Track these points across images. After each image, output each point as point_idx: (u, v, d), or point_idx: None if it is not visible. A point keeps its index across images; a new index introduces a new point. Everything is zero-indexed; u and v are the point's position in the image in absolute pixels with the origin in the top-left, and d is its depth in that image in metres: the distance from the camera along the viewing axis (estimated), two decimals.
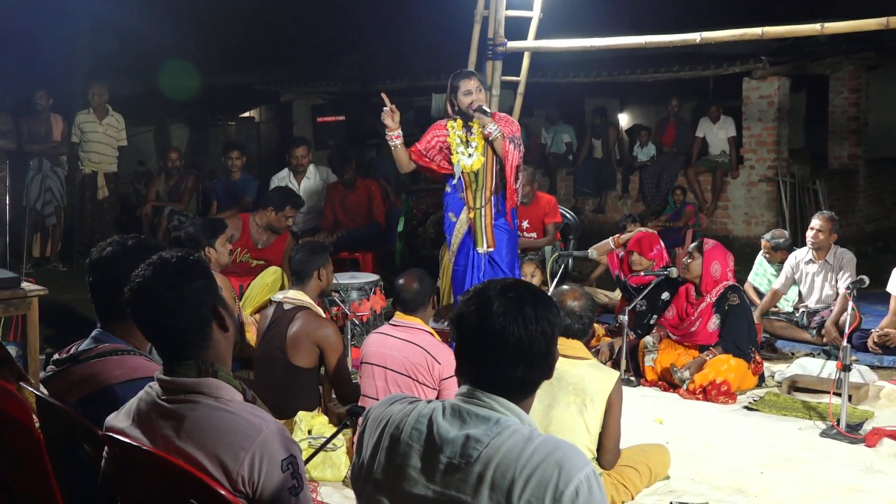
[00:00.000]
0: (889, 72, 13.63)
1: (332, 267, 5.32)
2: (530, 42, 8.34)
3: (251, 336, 5.79)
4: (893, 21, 6.31)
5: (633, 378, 6.26)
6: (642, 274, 6.84)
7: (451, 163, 6.30)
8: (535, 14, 8.35)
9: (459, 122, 6.27)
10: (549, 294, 2.27)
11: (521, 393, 2.16)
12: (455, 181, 6.31)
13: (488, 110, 6.17)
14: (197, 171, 10.75)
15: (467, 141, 6.24)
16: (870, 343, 6.85)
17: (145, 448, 2.22)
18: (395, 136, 6.25)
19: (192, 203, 9.88)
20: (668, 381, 6.14)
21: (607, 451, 4.11)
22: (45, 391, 2.75)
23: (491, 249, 6.31)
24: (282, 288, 6.25)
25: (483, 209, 6.29)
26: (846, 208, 12.36)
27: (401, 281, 4.83)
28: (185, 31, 13.45)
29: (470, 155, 6.24)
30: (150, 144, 15.65)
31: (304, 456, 3.86)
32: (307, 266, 5.11)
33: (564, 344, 4.09)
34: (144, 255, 2.84)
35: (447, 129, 6.31)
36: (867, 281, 5.95)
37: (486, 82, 8.31)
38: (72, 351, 2.80)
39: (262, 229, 7.24)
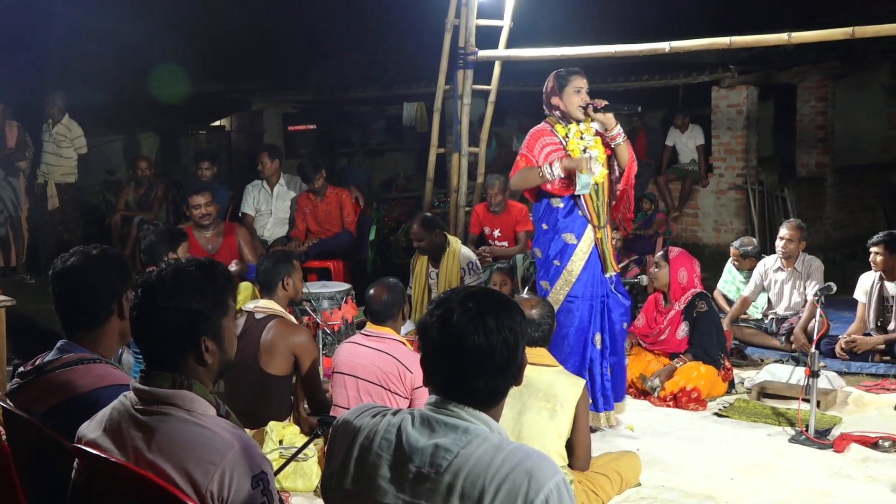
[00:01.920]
0: (855, 81, 13.80)
1: (300, 275, 5.29)
2: (501, 51, 8.37)
3: None
4: (859, 31, 6.39)
5: None
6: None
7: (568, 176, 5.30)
8: (505, 23, 8.40)
9: (576, 127, 5.39)
10: (515, 302, 2.26)
11: (489, 401, 2.15)
12: (578, 192, 5.31)
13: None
14: (167, 180, 10.67)
15: (585, 148, 5.34)
16: (837, 349, 6.92)
17: (114, 460, 2.20)
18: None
19: (162, 212, 9.81)
20: (638, 389, 6.16)
21: (579, 459, 4.13)
22: (11, 404, 2.72)
23: (615, 273, 5.57)
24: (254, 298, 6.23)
25: (606, 228, 5.43)
26: (814, 216, 12.49)
27: (371, 291, 4.83)
28: (154, 40, 13.38)
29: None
30: (120, 153, 15.52)
31: (276, 466, 3.84)
32: (272, 276, 5.09)
33: (530, 352, 4.09)
34: (108, 265, 2.84)
35: (557, 136, 5.39)
36: (834, 288, 6.00)
37: (457, 91, 8.34)
38: (37, 363, 2.77)
39: (206, 235, 7.15)
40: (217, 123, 18.92)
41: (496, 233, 8.47)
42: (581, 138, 5.36)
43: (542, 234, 5.52)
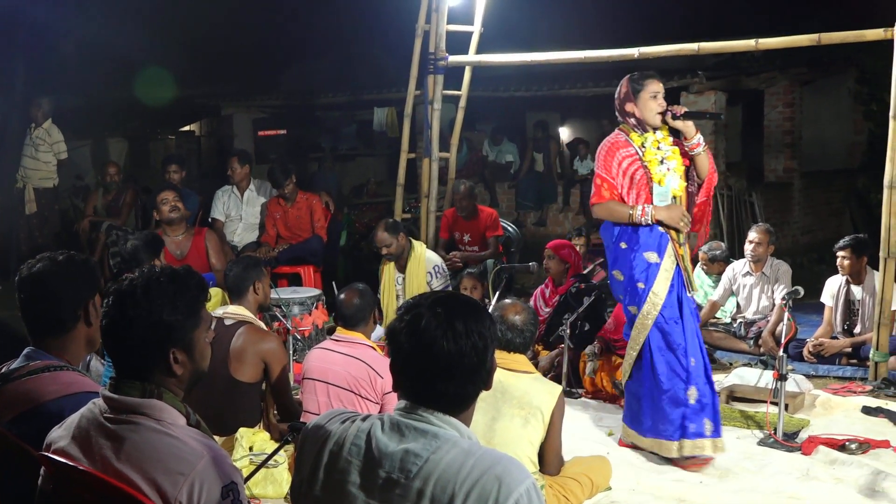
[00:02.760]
0: (822, 86, 13.94)
1: (268, 281, 5.27)
2: (471, 56, 8.39)
3: None
4: (825, 37, 6.47)
5: (575, 389, 6.30)
6: (574, 280, 6.88)
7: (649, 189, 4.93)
8: (475, 28, 8.42)
9: (652, 135, 4.98)
10: (484, 306, 2.26)
11: (459, 406, 2.16)
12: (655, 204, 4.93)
13: (720, 114, 4.99)
14: (135, 186, 10.59)
15: (663, 159, 4.94)
16: (805, 352, 6.98)
17: (82, 468, 2.18)
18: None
19: (130, 218, 9.74)
20: (608, 392, 6.17)
21: (549, 464, 4.14)
22: None
23: (697, 292, 5.11)
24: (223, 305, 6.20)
25: (686, 245, 5.03)
26: (782, 220, 12.59)
27: (342, 296, 4.83)
28: (124, 46, 13.30)
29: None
30: (88, 159, 15.40)
31: (246, 473, 3.82)
32: (242, 281, 5.07)
33: (508, 358, 4.11)
34: (75, 271, 2.81)
35: (633, 146, 4.95)
36: (802, 292, 6.06)
37: (428, 96, 8.34)
38: (3, 370, 2.74)
39: (175, 239, 7.14)
40: (187, 128, 18.85)
41: (466, 237, 8.48)
42: (658, 148, 4.96)
43: (621, 254, 5.02)
